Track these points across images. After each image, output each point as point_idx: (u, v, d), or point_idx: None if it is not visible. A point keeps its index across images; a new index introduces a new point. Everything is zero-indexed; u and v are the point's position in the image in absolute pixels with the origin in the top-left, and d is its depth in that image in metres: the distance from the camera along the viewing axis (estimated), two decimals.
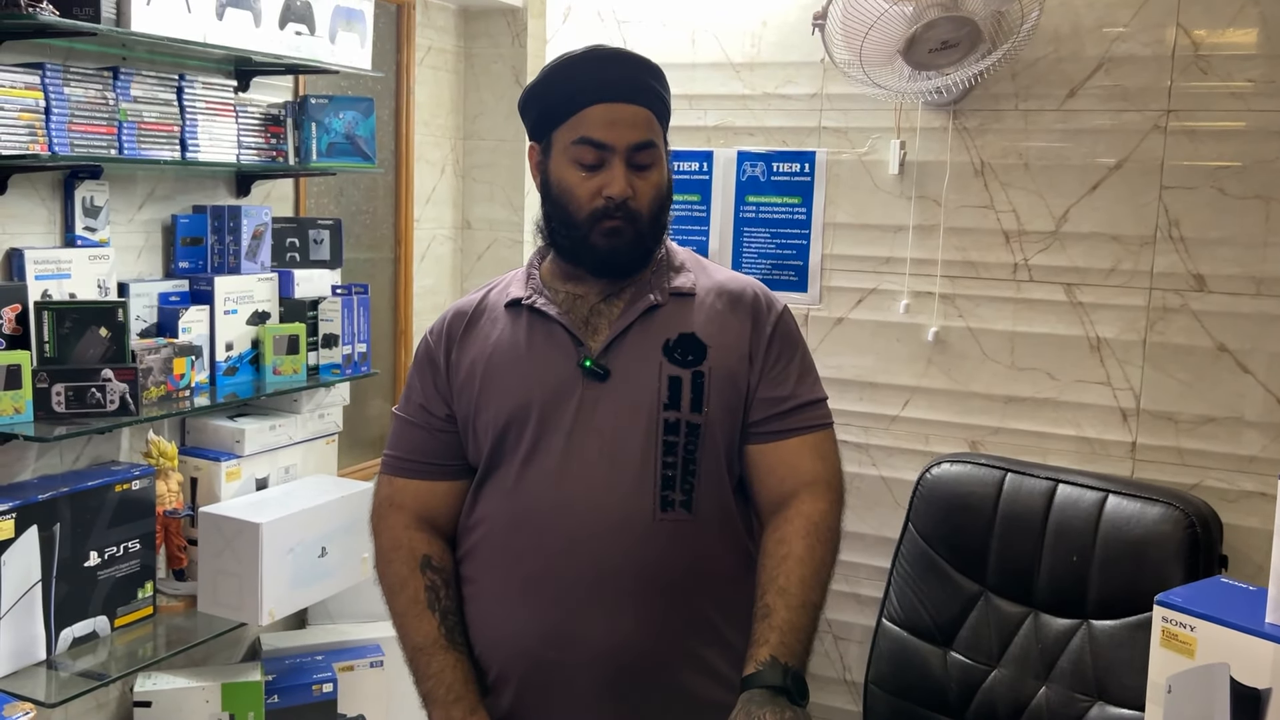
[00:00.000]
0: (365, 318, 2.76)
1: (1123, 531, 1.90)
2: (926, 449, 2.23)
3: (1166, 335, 2.04)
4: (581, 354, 1.46)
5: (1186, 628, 1.30)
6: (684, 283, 1.52)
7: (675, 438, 1.44)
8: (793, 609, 1.38)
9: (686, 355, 1.46)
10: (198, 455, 2.53)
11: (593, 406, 1.45)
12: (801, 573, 1.41)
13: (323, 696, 2.63)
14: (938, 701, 2.05)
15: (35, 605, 2.12)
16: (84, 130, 2.14)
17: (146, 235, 2.46)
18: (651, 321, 1.48)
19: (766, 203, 2.30)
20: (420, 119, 3.24)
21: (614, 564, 1.42)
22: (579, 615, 1.43)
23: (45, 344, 2.11)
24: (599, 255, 1.46)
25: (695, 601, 1.47)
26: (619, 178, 1.43)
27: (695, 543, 1.45)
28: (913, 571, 2.09)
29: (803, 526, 1.44)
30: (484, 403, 1.49)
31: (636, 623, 1.43)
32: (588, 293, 1.51)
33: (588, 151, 1.43)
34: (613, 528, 1.42)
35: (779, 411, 1.49)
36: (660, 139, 1.48)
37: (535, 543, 1.45)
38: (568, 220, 1.46)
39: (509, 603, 1.47)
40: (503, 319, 1.53)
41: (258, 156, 2.54)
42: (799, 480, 1.48)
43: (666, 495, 1.43)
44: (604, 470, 1.43)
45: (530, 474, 1.46)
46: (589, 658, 1.43)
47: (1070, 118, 2.06)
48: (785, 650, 1.34)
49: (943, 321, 2.19)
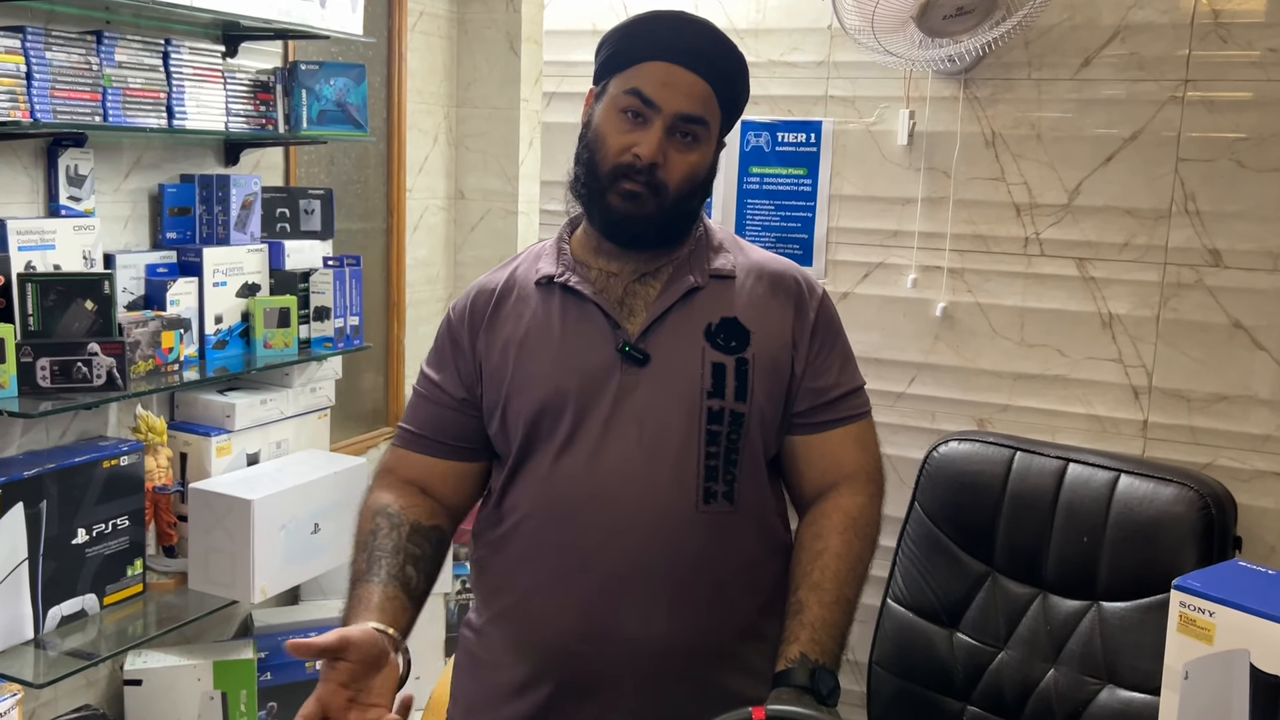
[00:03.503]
0: (358, 290, 2.71)
1: (1135, 512, 1.87)
2: (933, 427, 2.19)
3: (1180, 311, 2.00)
4: (619, 337, 1.41)
5: (1205, 613, 1.28)
6: (724, 264, 1.47)
7: (719, 427, 1.39)
8: (825, 605, 1.36)
9: (730, 341, 1.41)
10: (187, 430, 2.50)
11: (631, 393, 1.40)
12: (837, 568, 1.38)
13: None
14: (943, 683, 2.02)
15: (22, 583, 2.10)
16: (67, 96, 2.08)
17: (133, 205, 2.41)
18: (691, 304, 1.43)
19: (771, 174, 2.24)
20: (413, 86, 3.18)
21: (654, 557, 1.38)
22: (617, 609, 1.38)
23: (29, 317, 2.07)
24: (611, 216, 1.41)
25: (735, 596, 1.43)
26: (654, 140, 1.37)
27: (736, 535, 1.42)
28: (918, 551, 2.05)
29: (840, 521, 1.42)
30: (516, 388, 1.43)
31: (676, 618, 1.39)
32: (622, 270, 1.45)
33: (634, 103, 1.38)
34: (653, 520, 1.37)
35: (823, 402, 1.46)
36: (714, 121, 1.42)
37: (572, 534, 1.40)
38: (592, 168, 1.41)
39: (544, 596, 1.42)
40: (534, 298, 1.47)
41: (246, 124, 2.48)
42: (840, 472, 1.46)
43: (710, 487, 1.39)
44: (644, 460, 1.38)
45: (566, 463, 1.40)
46: (627, 653, 1.39)
47: (1084, 87, 2.01)
48: (815, 647, 1.32)
49: (951, 297, 2.14)
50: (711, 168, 1.45)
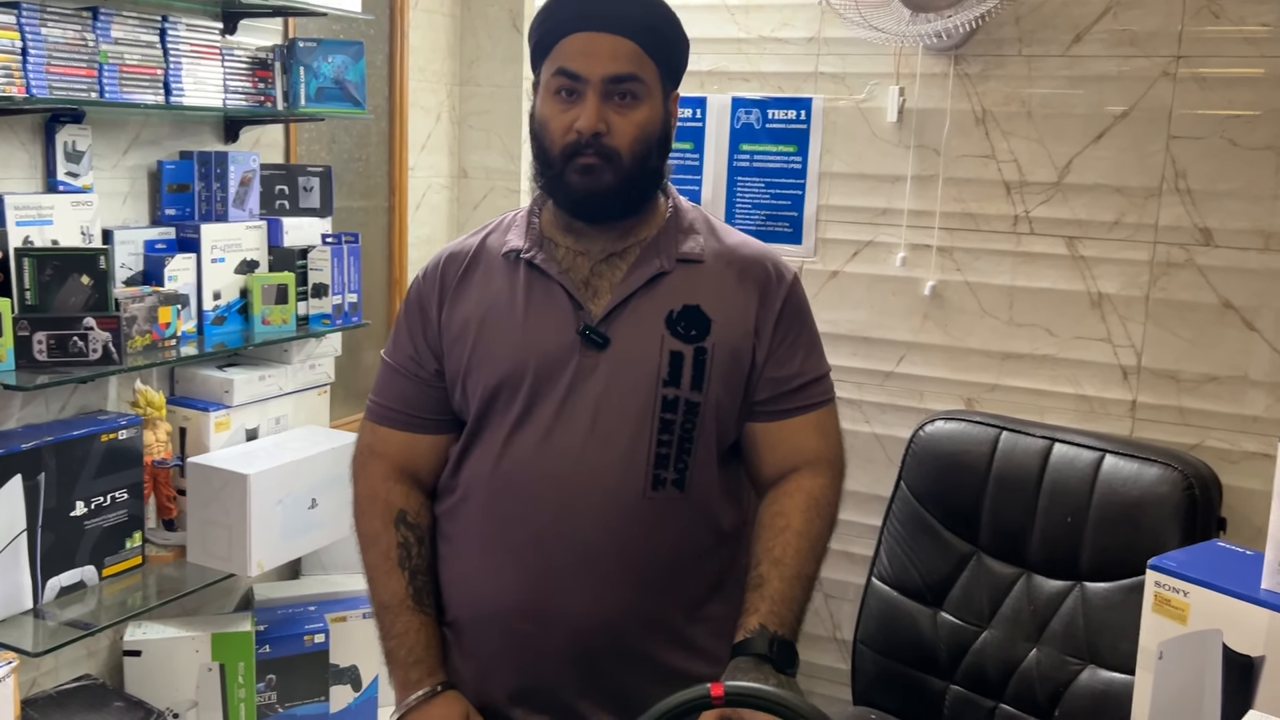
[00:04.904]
0: (356, 267, 2.72)
1: (1119, 492, 1.86)
2: (921, 406, 2.18)
3: (1170, 291, 1.98)
4: (581, 319, 1.41)
5: (1179, 593, 1.28)
6: (692, 248, 1.45)
7: (673, 415, 1.39)
8: (786, 580, 1.37)
9: (690, 330, 1.40)
10: (186, 405, 2.52)
11: (588, 376, 1.39)
12: (798, 545, 1.39)
13: (315, 647, 2.63)
14: (927, 661, 2.02)
15: (21, 554, 2.11)
16: (63, 72, 2.09)
17: (131, 181, 2.42)
18: (656, 289, 1.42)
19: (761, 151, 2.23)
20: (415, 64, 3.18)
21: (599, 539, 1.38)
22: (558, 589, 1.40)
23: (26, 291, 2.08)
24: (573, 195, 1.40)
25: (680, 579, 1.44)
26: (590, 110, 1.35)
27: (684, 520, 1.42)
28: (904, 530, 2.05)
29: (802, 501, 1.43)
30: (475, 362, 1.44)
31: (618, 600, 1.40)
32: (589, 249, 1.45)
33: (564, 82, 1.37)
34: (600, 502, 1.38)
35: (784, 391, 1.46)
36: (650, 75, 1.39)
37: (519, 512, 1.41)
38: (545, 157, 1.41)
39: (486, 570, 1.44)
40: (500, 270, 1.47)
41: (245, 101, 2.49)
42: (801, 458, 1.46)
43: (659, 474, 1.39)
44: (595, 444, 1.38)
45: (519, 441, 1.41)
46: (565, 632, 1.40)
47: (1075, 64, 1.99)
48: (775, 619, 1.33)
49: (940, 275, 2.13)
50: (665, 123, 1.43)
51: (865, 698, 2.11)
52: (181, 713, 2.43)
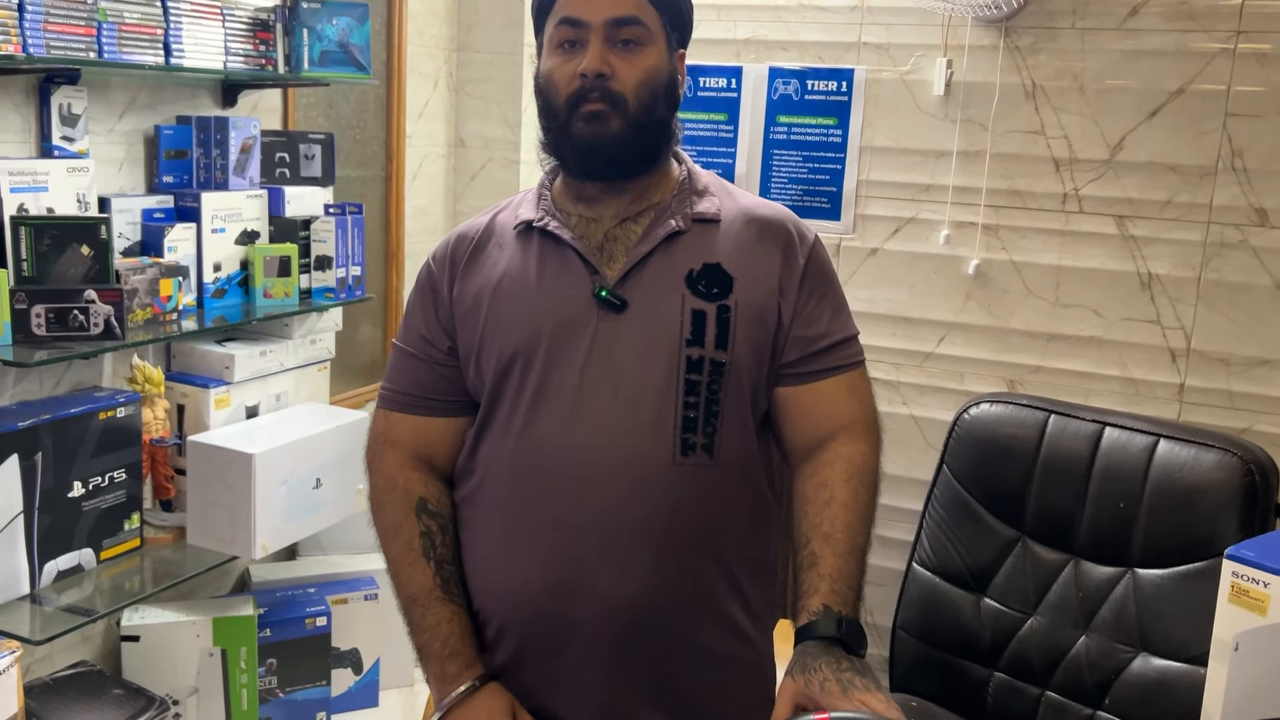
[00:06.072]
0: (360, 239, 2.62)
1: (1175, 478, 1.83)
2: (961, 388, 2.13)
3: (1223, 273, 1.94)
4: (596, 282, 1.35)
5: (1259, 584, 1.25)
6: (708, 208, 1.41)
7: (698, 376, 1.33)
8: (840, 555, 1.30)
9: (711, 288, 1.35)
10: (184, 381, 2.42)
11: (608, 341, 1.34)
12: (847, 518, 1.33)
13: (316, 630, 2.57)
14: (969, 649, 1.98)
15: (17, 538, 2.03)
16: (60, 30, 1.97)
17: (128, 147, 2.30)
18: (673, 249, 1.37)
19: (799, 123, 2.16)
20: (413, 28, 3.06)
21: (629, 511, 1.33)
22: (589, 566, 1.34)
23: (23, 262, 1.97)
24: (581, 145, 1.35)
25: (714, 551, 1.38)
26: (594, 52, 1.33)
27: (716, 489, 1.36)
28: (946, 515, 2.01)
29: (844, 470, 1.36)
30: (489, 335, 1.39)
31: (651, 574, 1.34)
32: (602, 215, 1.40)
33: (566, 31, 1.34)
34: (628, 472, 1.32)
35: (813, 351, 1.40)
36: (653, 22, 1.36)
37: (543, 487, 1.35)
38: (551, 110, 1.37)
39: (513, 551, 1.38)
40: (511, 244, 1.42)
41: (245, 64, 2.37)
42: (835, 423, 1.39)
43: (687, 438, 1.33)
44: (620, 410, 1.33)
45: (539, 413, 1.35)
46: (598, 611, 1.34)
47: (1131, 38, 1.94)
48: (836, 598, 1.26)
49: (985, 254, 2.08)
50: (671, 75, 1.40)
51: (904, 684, 2.07)
52: (181, 699, 2.35)
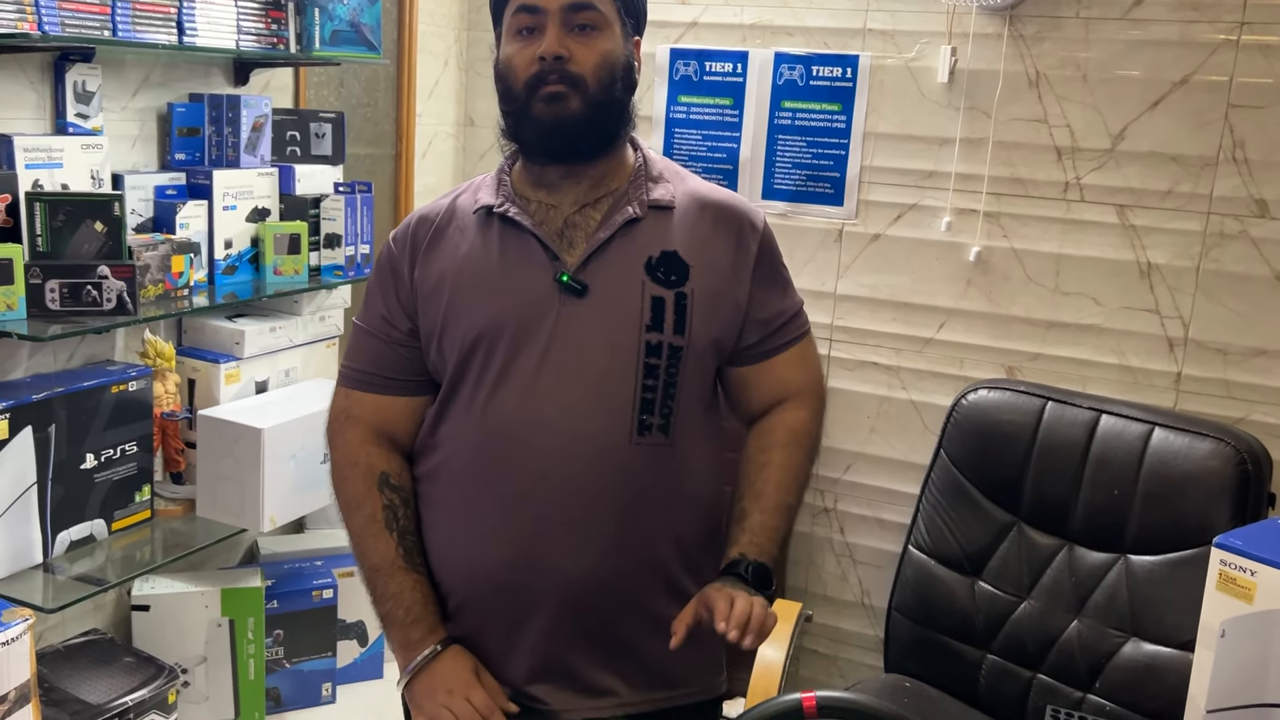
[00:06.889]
0: (369, 218, 2.65)
1: (1169, 466, 1.85)
2: (960, 374, 2.15)
3: (1222, 263, 1.96)
4: (557, 268, 1.40)
5: (1246, 571, 1.27)
6: (663, 194, 1.45)
7: (657, 360, 1.39)
8: (765, 511, 1.42)
9: (670, 275, 1.40)
10: (195, 356, 2.45)
11: (570, 324, 1.39)
12: (779, 478, 1.45)
13: (323, 602, 2.61)
14: (963, 631, 2.01)
15: (31, 508, 2.06)
16: (75, 9, 1.99)
17: (141, 124, 2.33)
18: (631, 236, 1.41)
19: (804, 109, 2.17)
20: (424, 7, 3.07)
21: (587, 488, 1.39)
22: (549, 540, 1.39)
23: (38, 237, 2.00)
24: (541, 127, 1.39)
25: (670, 526, 1.44)
26: (551, 36, 1.36)
27: (671, 466, 1.42)
28: (943, 499, 2.03)
29: (784, 435, 1.47)
30: (452, 318, 1.43)
31: (609, 548, 1.40)
32: (561, 202, 1.44)
33: (524, 18, 1.38)
34: (587, 450, 1.38)
35: (769, 332, 1.48)
36: (608, 8, 1.40)
37: (505, 465, 1.40)
38: (510, 94, 1.41)
39: (475, 527, 1.43)
40: (472, 228, 1.46)
41: (257, 43, 2.39)
42: (785, 392, 1.50)
43: (644, 419, 1.39)
44: (580, 391, 1.38)
45: (502, 394, 1.40)
46: (558, 582, 1.40)
47: (1135, 27, 1.94)
48: (754, 548, 1.39)
49: (986, 241, 2.09)
50: (628, 59, 1.44)
51: (898, 665, 2.10)
52: (190, 668, 2.40)
